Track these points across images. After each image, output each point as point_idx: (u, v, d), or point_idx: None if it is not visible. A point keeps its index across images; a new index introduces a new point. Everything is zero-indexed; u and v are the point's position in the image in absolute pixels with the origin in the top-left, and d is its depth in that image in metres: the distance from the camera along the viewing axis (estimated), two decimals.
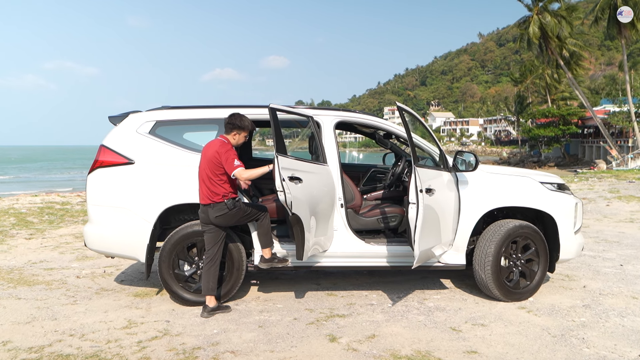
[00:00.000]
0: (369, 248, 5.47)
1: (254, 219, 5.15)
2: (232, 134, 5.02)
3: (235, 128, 5.00)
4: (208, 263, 5.02)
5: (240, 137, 5.06)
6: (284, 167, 4.66)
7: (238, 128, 5.01)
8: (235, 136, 5.03)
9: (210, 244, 5.02)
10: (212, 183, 4.91)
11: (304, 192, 4.82)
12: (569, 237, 5.67)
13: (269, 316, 5.02)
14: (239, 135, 5.03)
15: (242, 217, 5.06)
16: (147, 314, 5.07)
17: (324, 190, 5.22)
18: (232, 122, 5.00)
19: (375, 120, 5.78)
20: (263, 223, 5.17)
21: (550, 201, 5.60)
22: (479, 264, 5.47)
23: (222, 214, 4.94)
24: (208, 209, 4.95)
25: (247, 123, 5.04)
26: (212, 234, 5.02)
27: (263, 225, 5.17)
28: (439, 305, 5.37)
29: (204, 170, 4.95)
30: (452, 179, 5.39)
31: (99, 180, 5.35)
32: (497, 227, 5.49)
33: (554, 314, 5.13)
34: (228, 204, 4.93)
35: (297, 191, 4.72)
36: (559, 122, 58.13)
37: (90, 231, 5.45)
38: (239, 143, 5.10)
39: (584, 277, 6.52)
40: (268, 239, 5.19)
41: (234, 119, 5.01)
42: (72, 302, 5.43)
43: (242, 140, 5.10)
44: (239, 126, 5.00)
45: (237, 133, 5.01)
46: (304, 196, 4.82)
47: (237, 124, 5.00)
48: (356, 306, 5.34)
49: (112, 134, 5.48)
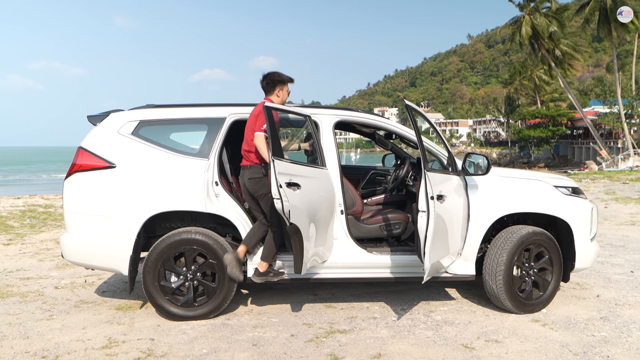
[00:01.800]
0: (372, 258, 5.07)
1: (270, 216, 4.76)
2: (276, 91, 4.91)
3: (276, 84, 4.89)
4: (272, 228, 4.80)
5: (284, 93, 4.97)
6: (281, 172, 4.24)
7: (280, 83, 4.90)
8: (279, 93, 4.92)
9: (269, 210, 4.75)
10: (249, 144, 4.78)
11: (302, 200, 4.40)
12: (585, 244, 5.30)
13: (263, 332, 4.60)
14: (282, 90, 4.93)
15: (267, 196, 4.69)
16: (129, 330, 4.63)
17: (323, 196, 4.81)
18: (271, 79, 4.89)
19: (377, 120, 5.37)
20: (274, 232, 4.79)
21: (565, 206, 5.24)
22: (489, 274, 5.09)
23: (255, 176, 4.78)
24: (245, 172, 4.83)
25: (286, 76, 4.95)
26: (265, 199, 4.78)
27: (273, 235, 4.80)
28: (447, 319, 4.98)
29: (247, 130, 4.85)
30: (461, 183, 5.00)
31: (76, 185, 4.89)
32: (508, 234, 5.11)
33: (571, 327, 4.76)
34: (263, 169, 4.73)
35: (295, 199, 4.31)
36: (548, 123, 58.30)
37: (67, 241, 4.99)
38: (285, 100, 5.00)
39: (595, 286, 6.16)
40: (272, 251, 4.81)
41: (272, 76, 4.90)
42: (47, 317, 4.97)
43: (286, 96, 4.99)
44: (279, 80, 4.89)
45: (280, 89, 4.91)
46: (303, 204, 4.40)
47: (276, 79, 4.88)
48: (358, 320, 4.93)
49: (92, 135, 5.02)
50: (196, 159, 4.93)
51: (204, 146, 4.99)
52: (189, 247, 4.81)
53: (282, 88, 4.91)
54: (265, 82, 4.91)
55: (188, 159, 4.93)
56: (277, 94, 4.91)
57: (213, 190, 4.88)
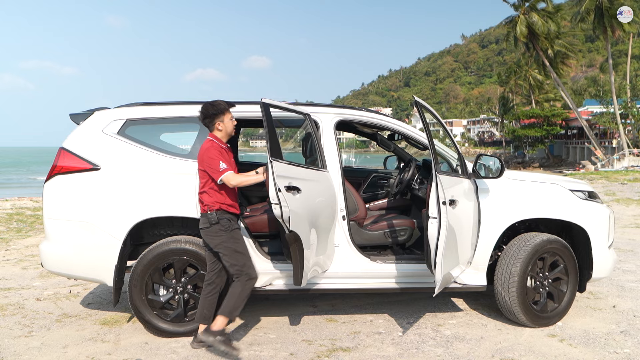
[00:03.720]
0: (376, 267, 4.72)
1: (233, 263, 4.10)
2: (216, 125, 4.14)
3: (214, 118, 4.12)
4: (206, 288, 4.27)
5: (227, 124, 4.17)
6: (279, 174, 3.88)
7: (217, 115, 4.12)
8: (220, 125, 4.14)
9: (210, 264, 4.29)
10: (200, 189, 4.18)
11: (303, 205, 4.04)
12: (603, 252, 4.97)
13: (260, 351, 4.24)
14: (223, 123, 4.14)
15: (223, 244, 4.09)
16: (114, 349, 4.25)
17: (324, 200, 4.45)
18: (206, 112, 4.13)
19: (382, 119, 5.00)
20: (242, 281, 4.12)
21: (582, 212, 4.90)
22: (501, 285, 4.75)
23: (203, 227, 4.14)
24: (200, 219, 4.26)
25: (222, 104, 4.17)
26: (209, 254, 4.28)
27: (241, 284, 4.12)
28: (457, 334, 4.63)
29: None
30: (472, 186, 4.65)
31: (57, 189, 4.51)
32: (521, 242, 4.77)
33: (591, 343, 4.43)
34: (210, 217, 4.08)
35: (295, 204, 3.95)
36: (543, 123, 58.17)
37: (47, 250, 4.60)
38: (231, 131, 4.20)
39: (610, 295, 5.84)
40: (237, 306, 4.11)
41: (207, 109, 4.13)
42: (26, 334, 4.59)
43: (231, 126, 4.20)
44: (215, 112, 4.12)
45: (220, 120, 4.14)
46: (303, 209, 4.04)
47: (211, 112, 4.12)
48: (361, 335, 4.58)
49: (74, 134, 4.63)
50: (187, 160, 4.55)
51: (196, 147, 4.62)
52: (179, 257, 4.45)
53: (222, 119, 4.14)
54: (202, 117, 4.16)
55: (178, 160, 4.56)
56: (218, 127, 4.14)
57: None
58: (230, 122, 4.18)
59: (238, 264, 4.12)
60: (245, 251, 4.22)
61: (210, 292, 4.24)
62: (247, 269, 4.15)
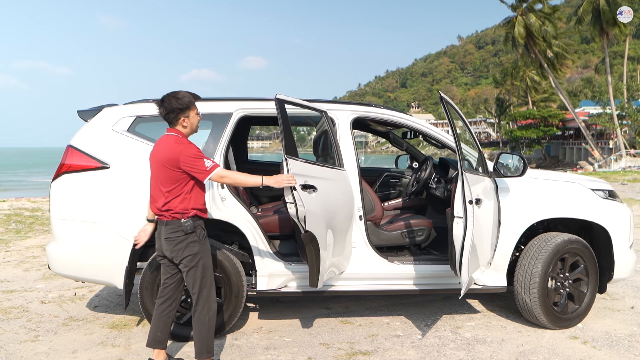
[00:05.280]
0: (394, 268, 4.59)
1: (203, 285, 3.61)
2: (180, 120, 3.57)
3: (180, 111, 3.54)
4: (161, 306, 3.72)
5: (193, 120, 3.63)
6: (295, 172, 3.74)
7: (183, 110, 3.55)
8: (185, 121, 3.58)
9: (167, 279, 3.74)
10: (168, 194, 3.56)
11: (319, 204, 3.91)
12: (625, 252, 4.86)
13: (277, 355, 4.10)
14: (188, 119, 3.59)
15: (197, 258, 3.57)
16: (125, 354, 4.10)
17: (341, 199, 4.31)
18: (170, 107, 3.53)
19: (400, 117, 4.86)
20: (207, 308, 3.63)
21: (603, 211, 4.79)
22: (522, 286, 4.63)
23: (172, 236, 3.56)
24: (162, 228, 3.62)
25: (187, 97, 3.60)
26: (168, 266, 3.70)
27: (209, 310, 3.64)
28: (478, 336, 4.51)
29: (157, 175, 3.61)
30: (492, 185, 4.54)
31: (65, 188, 4.36)
32: (542, 242, 4.65)
33: (615, 345, 4.31)
34: (185, 225, 3.56)
35: (311, 203, 3.81)
36: (539, 123, 58.30)
37: (55, 251, 4.45)
38: (196, 128, 3.70)
39: (626, 296, 5.73)
40: (210, 339, 3.65)
41: (170, 103, 3.53)
42: (32, 338, 4.43)
43: (196, 122, 3.67)
44: (180, 107, 3.53)
45: (186, 116, 3.57)
46: (320, 209, 3.91)
47: (175, 107, 3.52)
48: (380, 338, 4.45)
49: (83, 132, 4.49)
50: None
51: (209, 144, 4.48)
52: None
53: (187, 115, 3.58)
54: (164, 111, 3.56)
55: None
56: (183, 123, 3.58)
57: (219, 193, 4.37)
58: (195, 118, 3.65)
59: (206, 286, 3.64)
60: (212, 269, 3.76)
61: (166, 309, 3.72)
62: (214, 294, 3.71)
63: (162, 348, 3.74)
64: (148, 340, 3.73)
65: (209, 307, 3.66)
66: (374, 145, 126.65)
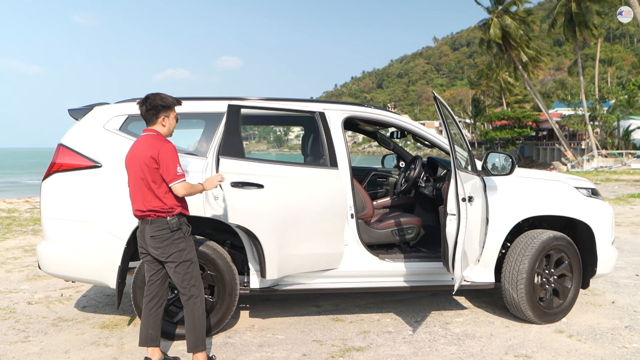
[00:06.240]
0: (385, 265, 4.66)
1: (191, 281, 3.67)
2: (160, 119, 3.63)
3: (160, 110, 3.61)
4: (149, 304, 3.76)
5: (171, 120, 3.70)
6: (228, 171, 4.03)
7: (164, 108, 3.62)
8: (164, 121, 3.65)
9: (152, 275, 3.78)
10: (150, 200, 3.59)
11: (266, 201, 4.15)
12: (607, 249, 5.02)
13: (271, 352, 4.13)
14: (168, 118, 3.65)
15: (184, 254, 3.63)
16: (119, 353, 4.09)
17: (315, 197, 4.40)
18: (152, 104, 3.59)
19: (390, 117, 4.93)
20: (198, 302, 3.72)
21: (587, 209, 4.94)
22: (509, 282, 4.74)
23: (158, 234, 3.59)
24: (145, 226, 3.65)
25: (171, 99, 3.68)
26: (152, 263, 3.74)
27: (200, 304, 3.72)
28: (467, 331, 4.61)
29: (137, 176, 3.61)
30: (481, 184, 4.64)
31: (56, 187, 4.33)
32: (529, 239, 4.78)
33: (599, 338, 4.45)
34: (172, 223, 3.59)
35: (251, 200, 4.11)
36: (514, 124, 59.34)
37: (45, 251, 4.41)
38: (172, 131, 3.76)
39: (606, 291, 5.90)
40: (200, 334, 3.71)
41: (152, 100, 3.60)
42: (23, 339, 4.39)
43: (174, 125, 3.74)
44: (163, 105, 3.61)
45: (166, 115, 3.64)
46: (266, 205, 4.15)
47: (159, 104, 3.59)
48: (372, 335, 4.51)
49: (74, 130, 4.46)
50: (192, 157, 4.43)
51: (201, 143, 4.50)
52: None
53: (167, 115, 3.65)
54: (145, 108, 3.62)
55: (183, 157, 4.41)
56: (162, 122, 3.64)
57: (212, 192, 4.38)
58: (174, 120, 3.73)
59: (197, 283, 3.72)
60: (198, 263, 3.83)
61: (154, 306, 3.75)
62: (202, 287, 3.79)
63: (155, 345, 3.76)
64: (140, 339, 3.75)
65: (201, 300, 3.73)
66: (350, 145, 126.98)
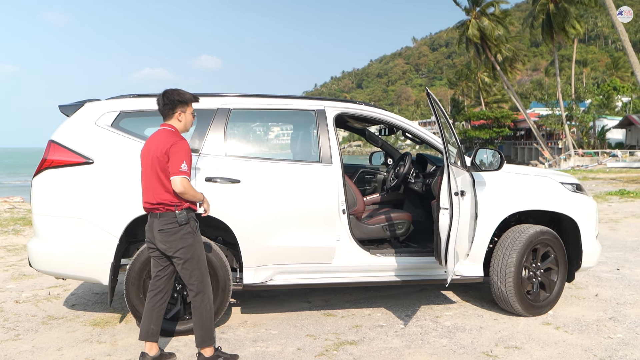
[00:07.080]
0: (376, 260, 4.72)
1: (198, 276, 3.68)
2: (177, 114, 3.67)
3: (177, 105, 3.65)
4: (153, 298, 3.76)
5: (188, 116, 3.73)
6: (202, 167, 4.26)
7: (181, 103, 3.66)
8: (180, 116, 3.68)
9: (159, 271, 3.76)
10: (160, 193, 3.59)
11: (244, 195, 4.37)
12: (592, 242, 5.15)
13: (266, 347, 4.16)
14: (184, 113, 3.70)
15: (191, 250, 3.63)
16: (113, 350, 4.08)
17: (298, 192, 4.51)
18: (169, 98, 3.64)
19: (382, 113, 4.99)
20: (206, 298, 3.73)
21: (572, 204, 5.06)
22: (498, 276, 4.84)
23: (166, 228, 3.60)
24: (154, 220, 3.66)
25: (188, 95, 3.72)
26: (160, 259, 3.74)
27: (207, 301, 3.74)
28: (457, 324, 4.69)
29: (150, 169, 3.62)
30: (470, 179, 4.73)
31: (48, 184, 4.29)
32: (516, 233, 4.88)
33: (585, 330, 4.57)
34: (180, 217, 3.60)
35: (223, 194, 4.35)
36: (492, 124, 60.09)
37: (36, 248, 4.37)
38: (189, 127, 3.81)
39: (590, 285, 6.05)
40: (209, 329, 3.74)
41: (170, 95, 3.65)
42: (13, 337, 4.34)
43: (191, 121, 3.78)
44: (180, 100, 3.66)
45: (182, 111, 3.68)
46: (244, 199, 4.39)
47: (176, 99, 3.64)
48: (364, 329, 4.57)
49: (65, 127, 4.43)
50: None
51: (193, 140, 4.50)
52: None
53: (184, 110, 3.69)
54: (162, 103, 3.67)
55: None
56: (178, 117, 3.68)
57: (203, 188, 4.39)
58: (190, 116, 3.77)
59: (205, 279, 3.73)
60: (205, 258, 3.84)
61: (158, 302, 3.76)
62: (209, 283, 3.81)
63: (154, 341, 3.75)
64: (141, 334, 3.73)
65: (209, 296, 3.75)
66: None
